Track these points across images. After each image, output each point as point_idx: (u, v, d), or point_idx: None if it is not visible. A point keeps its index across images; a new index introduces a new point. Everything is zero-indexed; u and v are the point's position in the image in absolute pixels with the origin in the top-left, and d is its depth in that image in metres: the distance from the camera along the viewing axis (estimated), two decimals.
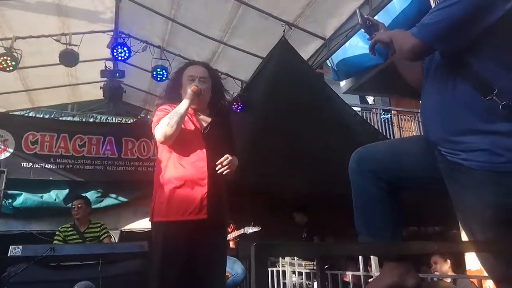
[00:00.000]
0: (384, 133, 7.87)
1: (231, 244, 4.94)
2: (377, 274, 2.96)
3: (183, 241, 2.07)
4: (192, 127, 2.24)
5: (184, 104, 2.17)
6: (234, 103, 4.93)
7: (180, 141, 2.17)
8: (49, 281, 3.12)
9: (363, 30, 1.77)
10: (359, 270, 3.21)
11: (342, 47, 4.27)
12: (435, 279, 3.04)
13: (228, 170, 2.15)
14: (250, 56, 4.71)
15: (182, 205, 2.10)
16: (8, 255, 3.15)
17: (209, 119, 2.32)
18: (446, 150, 1.35)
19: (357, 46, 4.48)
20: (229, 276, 4.19)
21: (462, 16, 1.26)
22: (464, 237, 1.62)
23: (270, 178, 5.28)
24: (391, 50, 1.52)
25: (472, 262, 3.16)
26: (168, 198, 2.13)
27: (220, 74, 4.95)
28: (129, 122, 7.30)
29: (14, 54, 4.13)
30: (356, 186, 1.57)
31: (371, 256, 2.88)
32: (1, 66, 4.16)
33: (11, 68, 4.20)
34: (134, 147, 6.58)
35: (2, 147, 5.94)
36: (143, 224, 6.32)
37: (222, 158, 2.14)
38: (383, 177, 1.51)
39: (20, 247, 3.19)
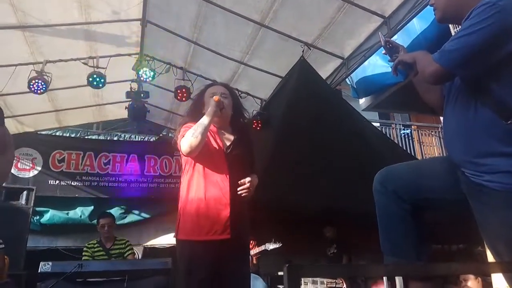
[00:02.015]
0: (405, 149, 7.81)
1: (254, 261, 4.96)
2: None
3: (207, 260, 2.10)
4: (215, 145, 2.28)
5: (208, 115, 2.21)
6: (254, 121, 5.02)
7: (204, 159, 2.22)
8: None
9: (383, 52, 1.83)
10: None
11: (362, 65, 4.33)
12: None
13: (248, 193, 2.21)
14: (270, 76, 4.81)
15: (206, 224, 2.14)
16: (39, 271, 3.26)
17: (231, 137, 2.37)
18: (470, 171, 1.38)
19: (376, 64, 4.53)
20: None
21: (481, 45, 1.30)
22: (489, 254, 1.63)
23: (291, 194, 5.31)
24: (414, 71, 1.57)
25: (499, 280, 3.10)
26: (192, 217, 2.18)
27: (240, 93, 5.08)
28: (152, 140, 7.46)
29: (45, 77, 4.34)
30: (380, 206, 1.60)
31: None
32: (32, 88, 4.37)
33: (42, 90, 4.40)
34: (156, 164, 6.74)
35: (31, 165, 6.17)
36: (165, 240, 6.42)
37: (244, 180, 2.20)
38: (406, 198, 1.54)
39: (50, 263, 3.29)
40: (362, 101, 5.45)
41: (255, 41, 4.33)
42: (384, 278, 2.85)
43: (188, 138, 2.15)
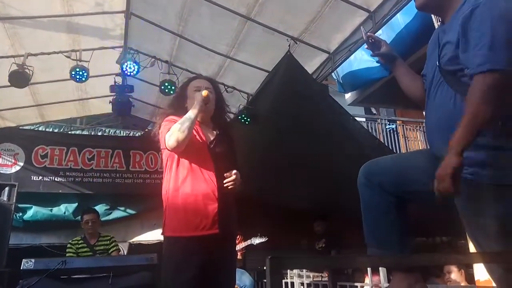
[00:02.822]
0: (390, 143, 7.89)
1: (238, 255, 4.96)
2: (385, 285, 2.97)
3: (197, 256, 2.07)
4: (199, 139, 2.25)
5: (194, 109, 2.18)
6: (240, 116, 5.01)
7: (188, 154, 2.18)
8: None
9: (365, 47, 1.83)
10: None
11: (348, 60, 4.35)
12: None
13: (234, 186, 2.18)
14: (256, 70, 4.79)
15: (193, 220, 2.11)
16: (21, 268, 3.20)
17: (213, 133, 2.35)
18: None
19: (362, 59, 4.55)
20: None
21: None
22: (471, 247, 1.65)
23: (276, 189, 5.33)
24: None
25: (481, 272, 3.16)
26: (180, 213, 2.14)
27: (226, 87, 5.06)
28: (137, 135, 7.38)
29: (26, 70, 4.23)
30: (365, 198, 1.61)
31: (379, 268, 2.90)
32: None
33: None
34: (142, 159, 6.67)
35: (13, 161, 6.04)
36: (151, 236, 6.37)
37: (230, 173, 2.18)
38: (391, 190, 1.55)
39: (33, 260, 3.23)
40: (348, 96, 5.48)
41: (241, 34, 4.30)
42: (368, 270, 2.89)
43: (174, 133, 2.11)
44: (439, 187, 1.28)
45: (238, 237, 5.00)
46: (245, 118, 5.00)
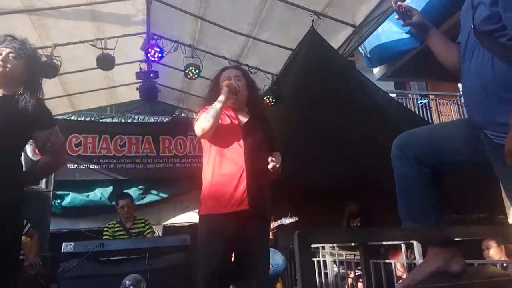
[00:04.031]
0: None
1: (270, 235, 4.98)
2: (420, 261, 2.90)
3: (225, 230, 2.20)
4: (232, 123, 2.42)
5: (220, 100, 2.33)
6: (265, 97, 4.96)
7: (220, 137, 2.35)
8: (99, 275, 3.29)
9: (396, 17, 1.75)
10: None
11: (375, 33, 4.16)
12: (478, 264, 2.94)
13: (275, 169, 2.30)
14: (280, 49, 4.69)
15: (224, 198, 2.23)
16: (61, 251, 3.36)
17: (248, 116, 2.49)
18: (492, 133, 1.32)
19: (391, 31, 4.34)
20: (271, 267, 4.24)
21: None
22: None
23: (306, 168, 5.27)
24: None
25: None
26: (212, 193, 2.28)
27: (250, 68, 5.00)
28: (165, 120, 7.49)
29: (55, 61, 4.33)
30: (399, 172, 1.56)
31: (414, 244, 2.84)
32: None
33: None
34: (171, 144, 6.77)
35: None
36: (184, 218, 6.53)
37: (272, 158, 2.31)
38: (426, 162, 1.50)
39: (72, 244, 3.38)
40: (376, 70, 5.27)
41: (263, 12, 4.21)
42: (402, 247, 2.83)
43: (201, 121, 2.31)
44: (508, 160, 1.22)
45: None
46: (270, 99, 4.94)
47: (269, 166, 2.29)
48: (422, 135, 1.63)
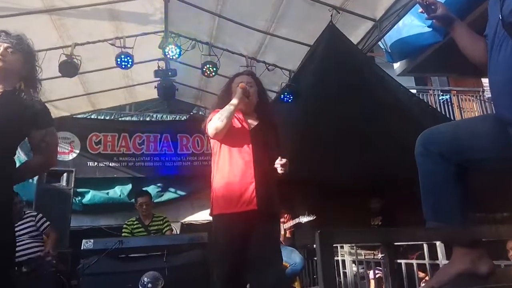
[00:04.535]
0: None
1: (287, 234, 4.95)
2: (444, 262, 2.82)
3: (238, 231, 2.31)
4: (242, 127, 2.53)
5: (233, 101, 2.45)
6: (283, 94, 4.91)
7: (230, 139, 2.45)
8: (119, 272, 3.33)
9: (419, 10, 1.68)
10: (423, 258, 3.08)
11: (396, 27, 4.07)
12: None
13: (284, 170, 2.37)
14: (298, 45, 4.63)
15: (234, 198, 2.34)
16: (81, 248, 3.40)
17: (256, 121, 2.60)
18: None
19: (412, 25, 4.22)
20: (288, 265, 4.20)
21: None
22: None
23: (323, 166, 5.20)
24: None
25: None
26: (223, 193, 2.38)
27: (267, 65, 4.97)
28: (183, 119, 7.53)
29: (75, 60, 4.39)
30: (424, 169, 1.51)
31: (437, 244, 2.76)
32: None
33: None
34: (188, 142, 6.83)
35: (69, 148, 6.40)
36: (202, 216, 6.54)
37: (281, 159, 2.38)
38: (451, 159, 1.44)
39: (92, 241, 3.43)
40: (396, 65, 5.15)
41: (281, 8, 4.16)
42: (425, 247, 2.75)
43: (214, 121, 2.40)
44: None
45: (286, 216, 4.99)
46: (287, 97, 4.88)
47: (278, 166, 2.35)
48: (447, 132, 1.58)
